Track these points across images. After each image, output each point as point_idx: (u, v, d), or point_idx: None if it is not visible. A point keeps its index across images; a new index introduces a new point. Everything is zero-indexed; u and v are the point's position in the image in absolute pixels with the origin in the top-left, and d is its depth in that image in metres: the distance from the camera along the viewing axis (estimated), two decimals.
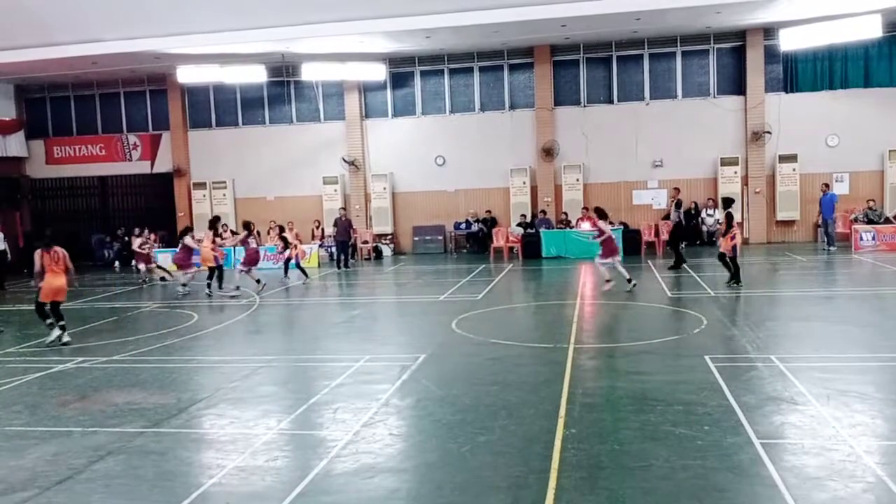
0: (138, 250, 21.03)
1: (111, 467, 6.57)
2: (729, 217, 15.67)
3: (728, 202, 16.32)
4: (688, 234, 23.41)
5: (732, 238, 15.37)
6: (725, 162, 23.47)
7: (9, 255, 20.23)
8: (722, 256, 15.61)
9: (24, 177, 27.26)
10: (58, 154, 27.61)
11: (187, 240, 17.88)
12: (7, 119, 26.40)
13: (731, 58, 23.77)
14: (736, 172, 23.43)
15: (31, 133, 27.58)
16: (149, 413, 8.10)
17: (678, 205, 19.31)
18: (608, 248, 15.43)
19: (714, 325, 11.43)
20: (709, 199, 23.53)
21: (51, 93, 27.46)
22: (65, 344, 11.85)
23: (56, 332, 11.94)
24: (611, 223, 16.50)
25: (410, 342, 11.75)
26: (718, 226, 20.36)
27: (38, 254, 11.89)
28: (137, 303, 16.70)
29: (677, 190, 21.10)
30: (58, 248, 11.96)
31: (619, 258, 15.95)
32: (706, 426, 6.87)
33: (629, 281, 15.22)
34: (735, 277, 15.29)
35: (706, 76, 23.88)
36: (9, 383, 9.66)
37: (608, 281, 15.24)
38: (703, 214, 23.53)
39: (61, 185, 27.88)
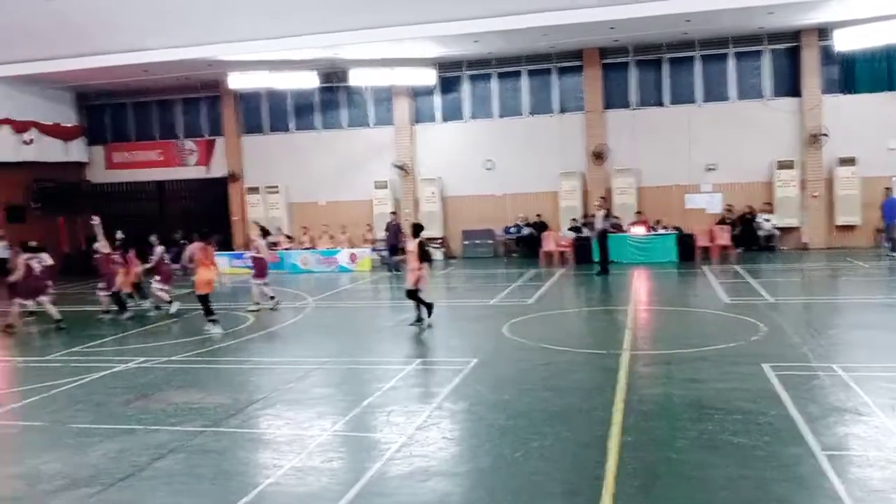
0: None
1: (172, 465, 6.73)
2: (421, 246, 12.94)
3: (418, 229, 13.43)
4: (743, 240, 23.03)
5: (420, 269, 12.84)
6: (781, 165, 22.96)
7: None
8: (412, 293, 13.00)
9: (84, 181, 28.09)
10: (117, 159, 28.38)
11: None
12: (69, 126, 27.22)
13: (785, 59, 23.25)
14: (793, 176, 22.91)
15: (91, 139, 28.39)
16: (208, 413, 8.28)
17: (608, 214, 19.35)
18: (259, 268, 15.89)
19: (773, 333, 11.18)
20: (765, 203, 23.05)
21: (110, 100, 28.22)
22: None
23: None
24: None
25: (462, 346, 11.77)
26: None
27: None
28: (196, 305, 16.99)
29: (604, 199, 20.90)
30: None
31: (266, 280, 16.05)
32: (766, 436, 6.74)
33: (271, 298, 15.71)
34: (427, 313, 12.96)
35: (760, 78, 23.39)
36: (74, 382, 9.96)
37: (272, 298, 15.74)
38: (759, 219, 23.05)
39: (120, 190, 28.58)
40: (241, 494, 5.99)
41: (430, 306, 12.95)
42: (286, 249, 22.69)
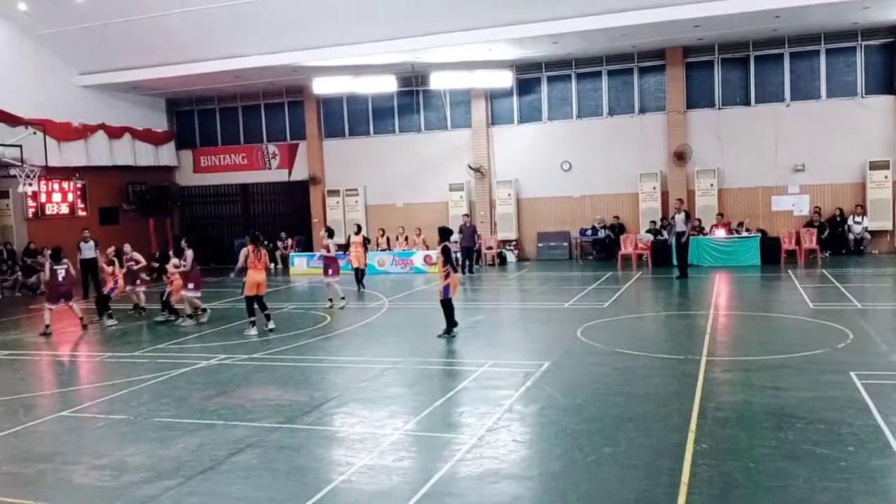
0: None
1: (249, 460, 6.93)
2: (446, 252, 12.56)
3: (446, 233, 12.94)
4: (831, 243, 22.13)
5: (447, 276, 12.41)
6: (874, 166, 21.93)
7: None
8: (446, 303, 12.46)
9: (173, 184, 29.20)
10: (204, 163, 29.39)
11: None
12: (160, 131, 28.39)
13: (880, 55, 22.20)
14: (887, 177, 21.83)
15: (180, 144, 29.50)
16: (284, 409, 8.49)
17: (687, 216, 18.74)
18: (333, 267, 16.52)
19: (861, 340, 10.71)
20: (857, 205, 22.07)
21: (198, 106, 29.26)
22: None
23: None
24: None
25: (534, 349, 11.72)
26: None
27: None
28: (275, 304, 17.43)
29: (681, 201, 20.20)
30: None
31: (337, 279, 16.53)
32: (850, 446, 6.47)
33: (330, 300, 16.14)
34: (449, 326, 12.43)
35: (853, 75, 22.40)
36: (159, 377, 10.37)
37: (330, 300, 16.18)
38: (850, 221, 22.10)
39: (207, 192, 29.64)
40: (315, 490, 6.11)
41: (451, 322, 12.42)
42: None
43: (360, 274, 19.35)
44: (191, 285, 15.08)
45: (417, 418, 7.95)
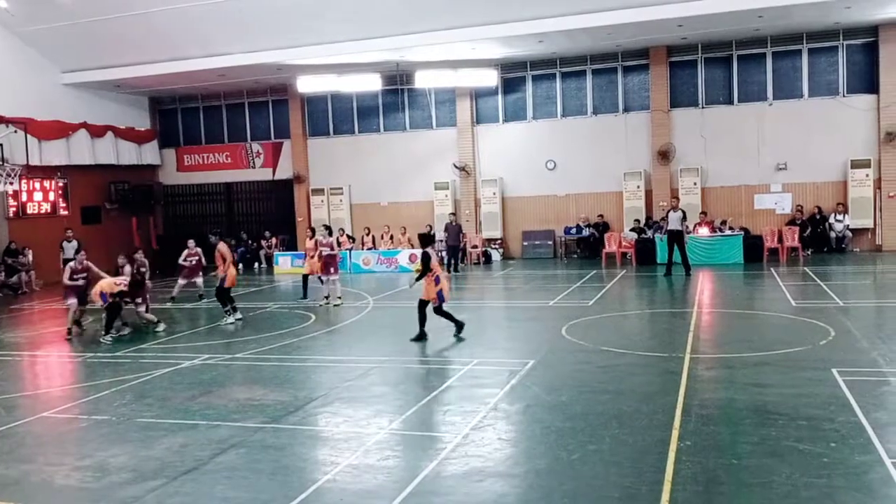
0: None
1: (233, 460, 6.90)
2: (426, 258, 12.27)
3: (427, 240, 13.00)
4: (813, 241, 22.32)
5: (437, 282, 12.12)
6: (856, 164, 22.15)
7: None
8: (424, 305, 12.28)
9: (157, 183, 28.99)
10: (188, 162, 29.21)
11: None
12: (142, 129, 28.17)
13: (862, 54, 22.41)
14: (868, 175, 22.07)
15: (163, 142, 29.29)
16: (268, 409, 8.45)
17: (684, 215, 19.00)
18: (334, 266, 16.50)
19: (843, 337, 10.81)
20: (838, 203, 22.27)
21: (181, 104, 29.08)
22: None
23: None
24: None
25: (519, 347, 11.73)
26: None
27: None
28: (259, 303, 17.39)
29: (677, 199, 20.41)
30: None
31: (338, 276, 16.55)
32: (832, 443, 6.53)
33: (326, 297, 16.43)
34: (459, 326, 12.27)
35: (835, 74, 22.59)
36: (141, 377, 10.29)
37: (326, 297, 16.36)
38: (832, 220, 22.30)
39: (190, 192, 29.46)
40: (300, 490, 6.09)
41: (457, 320, 12.28)
42: (348, 249, 23.00)
43: (307, 281, 17.75)
44: (139, 300, 14.14)
45: (402, 417, 7.94)
